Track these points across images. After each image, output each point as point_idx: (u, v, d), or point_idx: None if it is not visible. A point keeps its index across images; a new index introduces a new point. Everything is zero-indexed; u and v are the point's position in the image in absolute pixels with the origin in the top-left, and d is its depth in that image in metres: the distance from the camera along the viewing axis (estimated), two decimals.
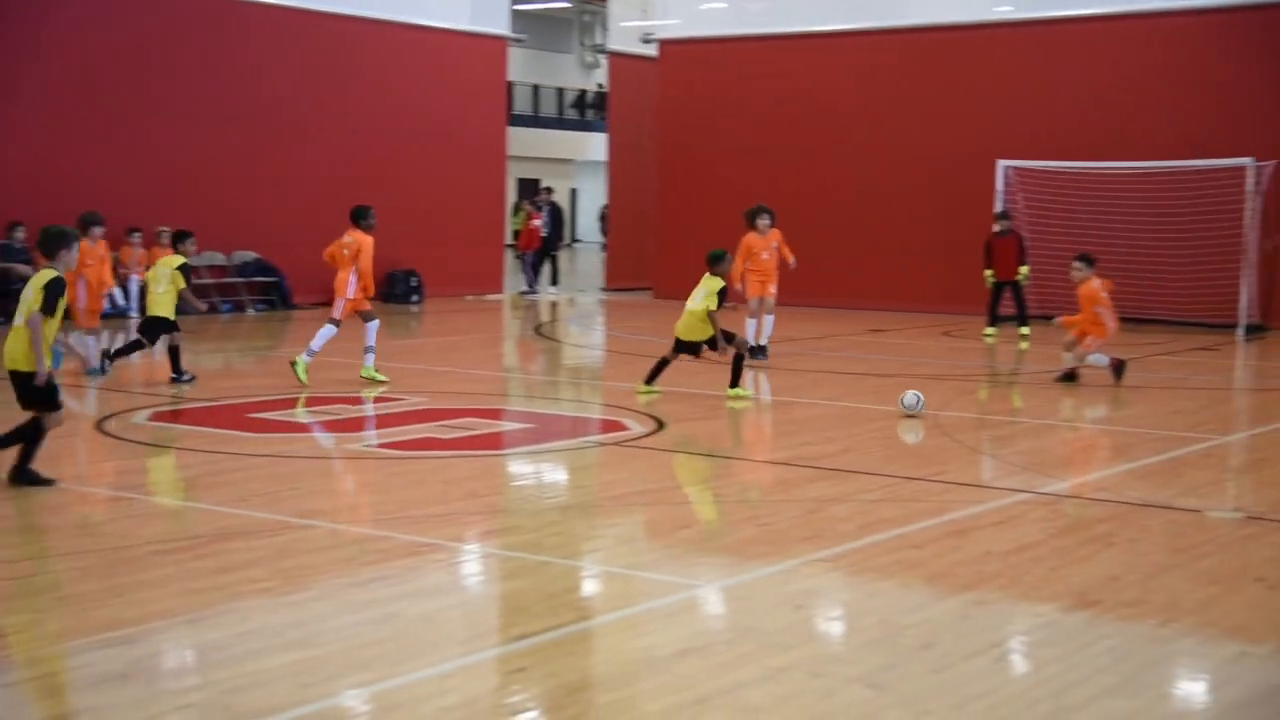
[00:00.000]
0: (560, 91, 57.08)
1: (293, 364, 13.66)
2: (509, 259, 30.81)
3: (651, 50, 28.71)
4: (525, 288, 28.76)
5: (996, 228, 20.58)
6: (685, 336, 13.38)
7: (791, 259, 17.33)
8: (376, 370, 14.05)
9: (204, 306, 15.12)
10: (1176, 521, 8.54)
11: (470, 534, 8.20)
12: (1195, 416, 13.00)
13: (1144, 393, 14.85)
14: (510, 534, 8.25)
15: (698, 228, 27.33)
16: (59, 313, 8.76)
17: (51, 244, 8.90)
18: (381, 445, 11.21)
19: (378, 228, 14.40)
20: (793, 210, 25.77)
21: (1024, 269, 20.21)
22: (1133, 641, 6.23)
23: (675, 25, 28.45)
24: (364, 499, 9.17)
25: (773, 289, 16.90)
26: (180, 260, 13.93)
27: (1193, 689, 5.81)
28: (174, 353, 13.75)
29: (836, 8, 26.53)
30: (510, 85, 32.39)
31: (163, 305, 13.78)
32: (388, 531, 8.05)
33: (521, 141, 53.50)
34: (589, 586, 7.36)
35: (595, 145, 47.63)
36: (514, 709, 5.41)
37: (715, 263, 13.53)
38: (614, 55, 31.37)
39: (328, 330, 14.03)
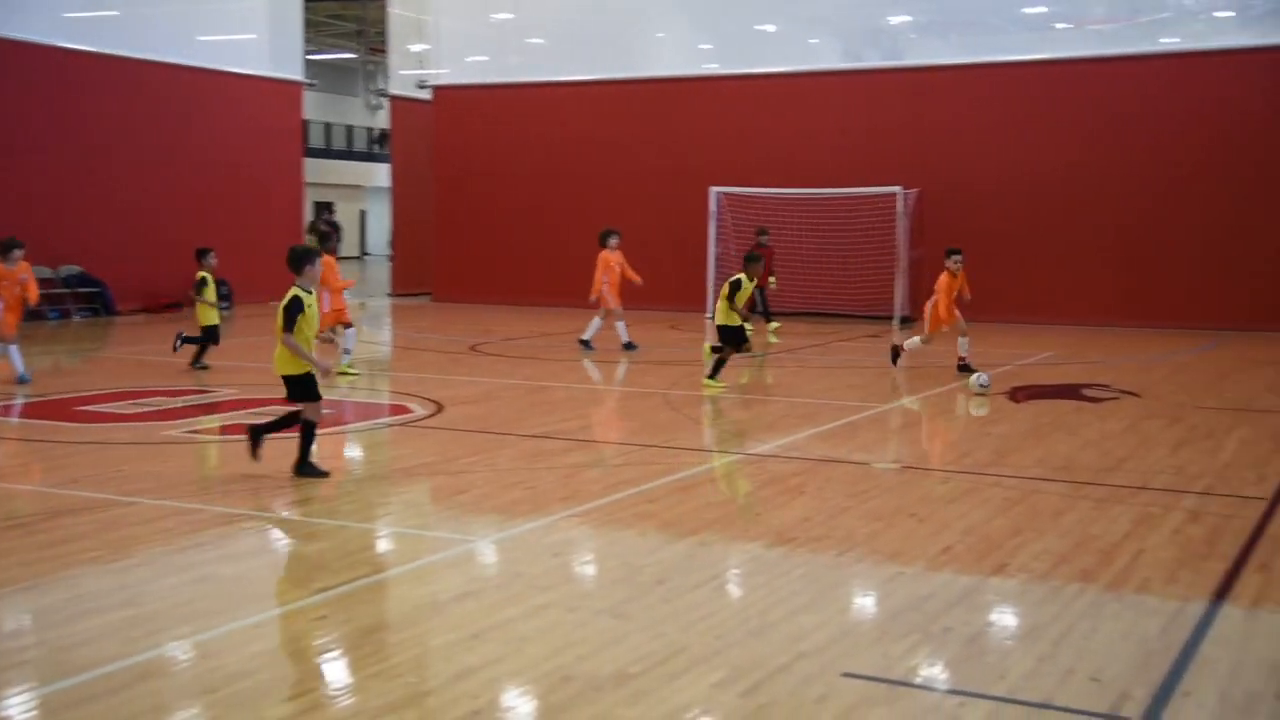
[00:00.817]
0: (350, 129, 55.87)
1: (341, 372, 13.81)
2: None
3: (427, 94, 28.35)
4: None
5: (759, 240, 20.54)
6: (722, 321, 13.32)
7: (637, 278, 17.85)
8: (349, 367, 14.04)
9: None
10: (851, 472, 8.90)
11: (276, 504, 7.94)
12: (864, 390, 13.55)
13: (826, 371, 15.43)
14: (312, 503, 8.02)
15: (471, 241, 27.38)
16: (301, 325, 8.37)
17: (297, 261, 8.49)
18: (197, 431, 10.75)
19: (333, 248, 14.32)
20: (552, 227, 25.96)
21: (772, 279, 20.46)
22: (820, 568, 6.47)
23: (446, 74, 28.15)
24: (182, 477, 8.76)
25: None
26: None
27: (864, 602, 6.07)
28: None
29: (580, 61, 26.78)
30: (305, 123, 31.48)
31: None
32: (203, 504, 7.73)
33: (317, 170, 52.06)
34: (381, 545, 7.22)
35: (382, 173, 46.79)
36: (317, 650, 5.27)
37: (749, 263, 13.44)
38: (395, 98, 30.89)
39: (350, 334, 14.22)
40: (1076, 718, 4.48)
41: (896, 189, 21.98)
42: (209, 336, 14.49)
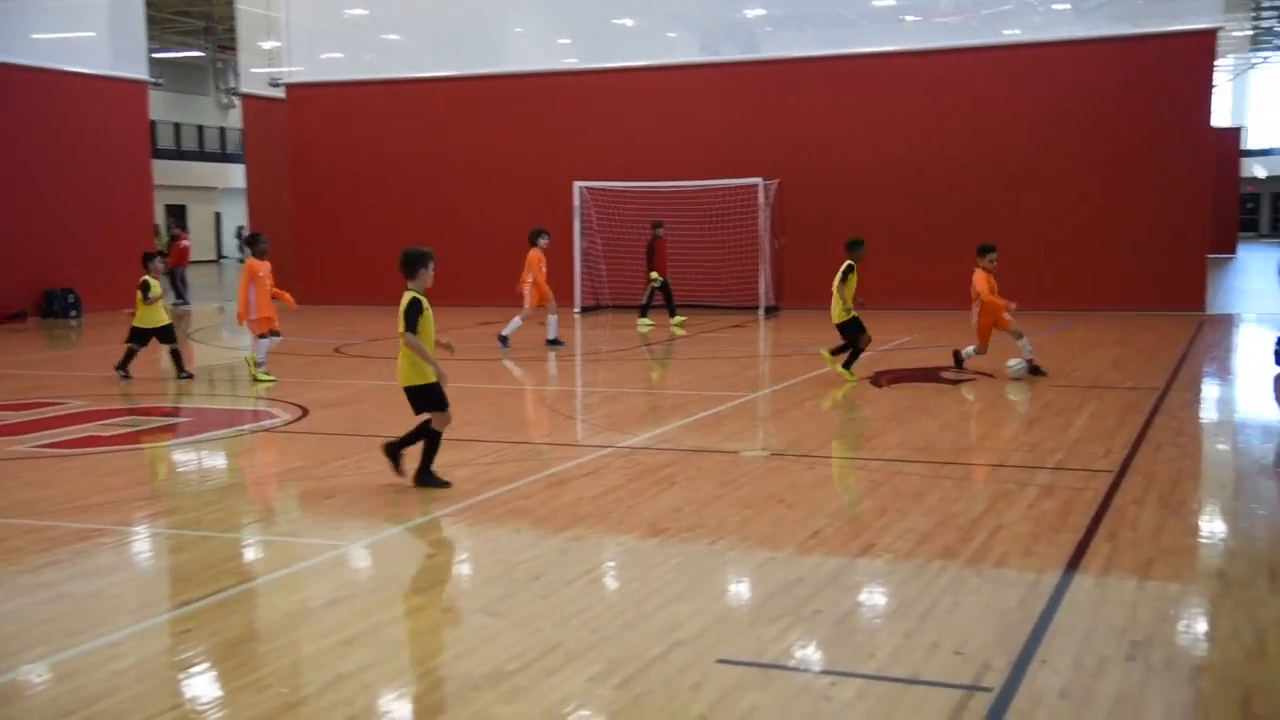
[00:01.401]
0: (201, 129, 54.21)
1: (256, 379, 13.40)
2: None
3: (280, 93, 27.69)
4: (177, 300, 27.14)
5: (655, 233, 20.47)
6: (837, 320, 13.10)
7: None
8: (263, 374, 13.65)
9: None
10: (721, 461, 9.02)
11: (135, 518, 7.69)
12: (731, 379, 13.74)
13: (694, 362, 15.59)
14: (173, 515, 7.79)
15: (332, 241, 26.88)
16: (422, 327, 8.02)
17: (411, 264, 8.13)
18: (46, 445, 10.32)
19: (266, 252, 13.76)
20: (415, 225, 25.60)
21: (654, 274, 20.36)
22: (693, 558, 6.55)
23: (299, 71, 27.54)
24: (30, 494, 8.42)
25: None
26: None
27: (736, 588, 6.17)
28: None
29: (438, 57, 26.57)
30: (153, 123, 30.49)
31: None
32: (54, 521, 7.44)
33: (167, 173, 50.41)
34: (248, 554, 7.06)
35: (236, 174, 45.54)
36: (182, 666, 5.13)
37: (852, 249, 13.40)
38: (247, 97, 30.10)
39: (262, 343, 13.65)
40: (942, 691, 4.64)
41: (757, 180, 22.32)
42: (138, 340, 14.04)
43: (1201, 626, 5.37)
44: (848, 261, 13.22)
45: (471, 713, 4.50)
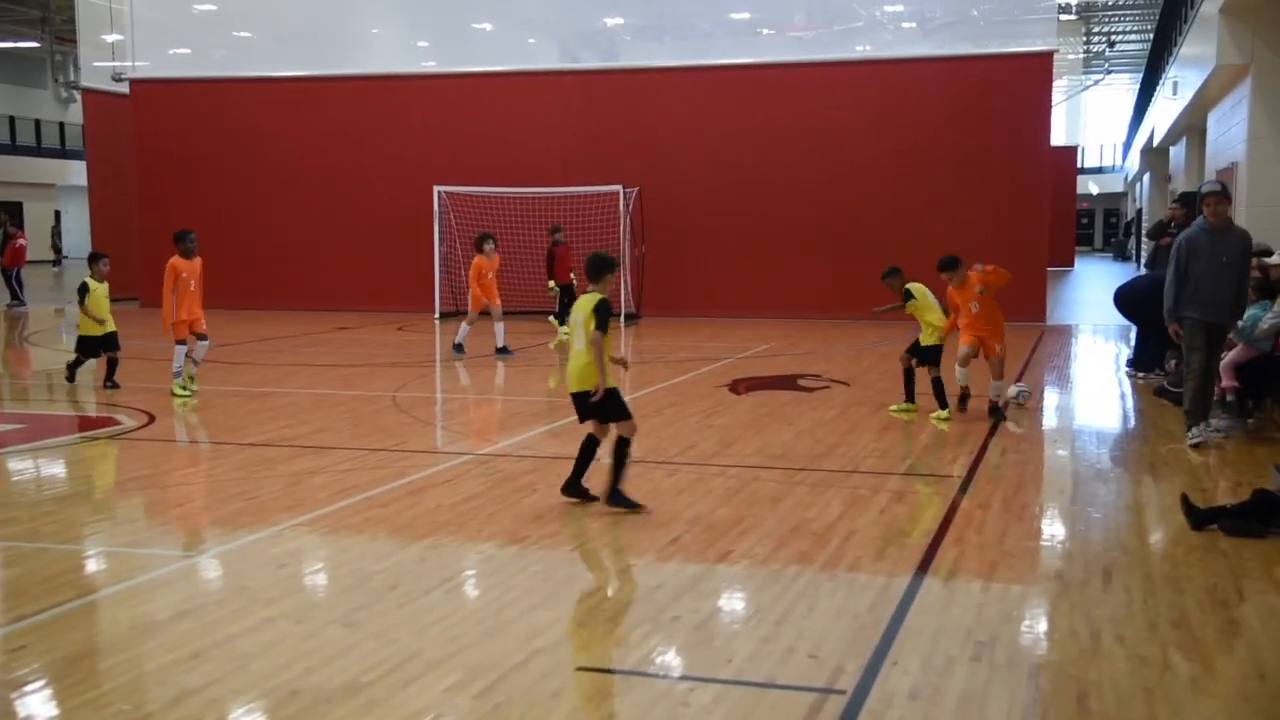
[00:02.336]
0: (38, 123, 51.87)
1: (173, 392, 12.56)
2: None
3: (124, 88, 26.67)
4: (12, 300, 25.92)
5: (554, 239, 19.96)
6: (926, 342, 11.47)
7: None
8: (188, 384, 12.87)
9: None
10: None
11: None
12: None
13: (555, 369, 15.56)
14: (7, 525, 7.41)
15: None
16: (609, 329, 7.63)
17: (598, 269, 7.83)
18: None
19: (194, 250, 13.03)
20: (269, 228, 25.02)
21: (572, 275, 19.75)
22: (553, 565, 6.53)
23: (145, 66, 26.57)
24: None
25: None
26: None
27: (596, 596, 6.16)
28: None
29: (292, 57, 25.99)
30: None
31: None
32: None
33: (2, 168, 48.10)
34: (88, 566, 6.76)
35: (78, 171, 43.75)
36: (15, 684, 4.87)
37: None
38: (88, 92, 28.85)
39: (177, 349, 12.84)
40: (797, 694, 4.71)
41: (617, 188, 22.43)
42: (85, 351, 13.66)
43: (1041, 626, 5.58)
44: (907, 285, 11.74)
45: None
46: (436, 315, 23.04)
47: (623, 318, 22.04)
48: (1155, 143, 34.49)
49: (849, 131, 22.67)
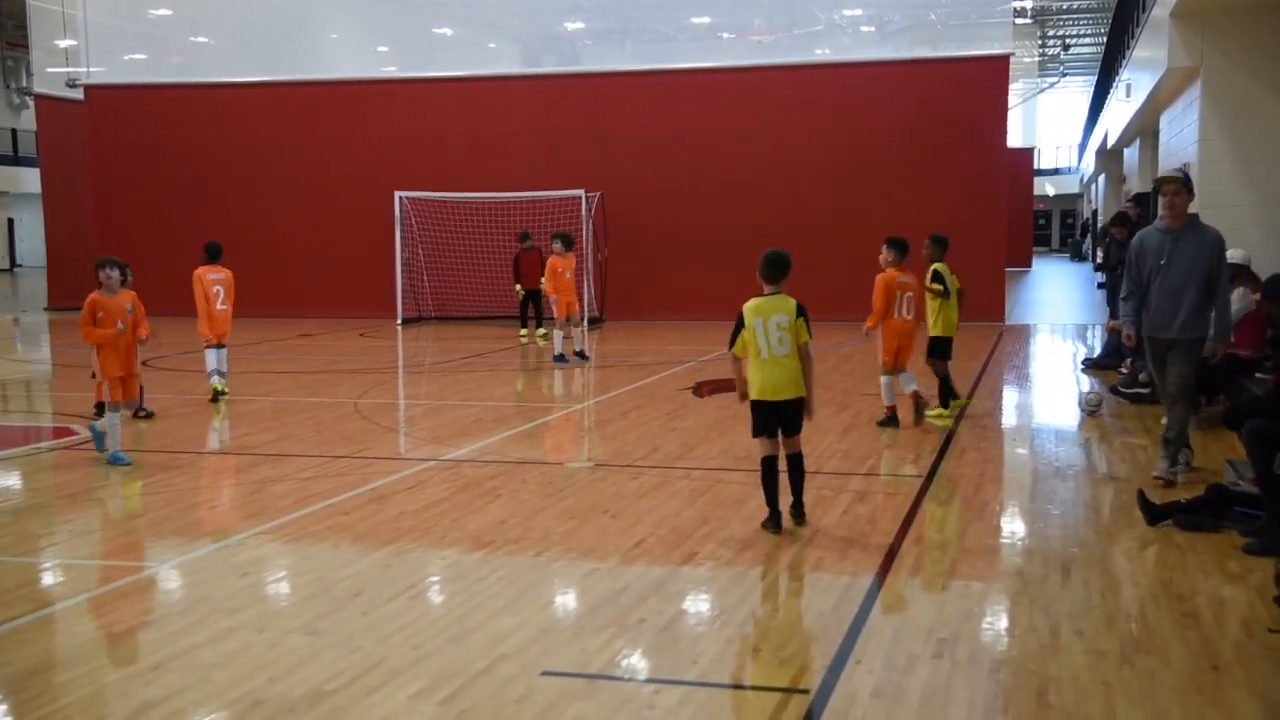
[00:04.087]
0: None
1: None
2: None
3: (79, 94, 26.37)
4: None
5: (523, 245, 20.16)
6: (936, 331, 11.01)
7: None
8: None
9: None
10: (546, 473, 9.01)
11: None
12: (557, 391, 13.73)
13: (518, 374, 15.53)
14: None
15: (139, 250, 25.63)
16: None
17: (783, 268, 7.27)
18: None
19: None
20: (231, 233, 24.72)
21: (543, 281, 19.80)
22: (518, 570, 6.52)
23: (100, 72, 26.29)
24: None
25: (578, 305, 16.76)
26: None
27: (561, 600, 6.15)
28: None
29: (250, 62, 25.79)
30: None
31: None
32: None
33: None
34: (46, 578, 6.67)
35: (31, 179, 43.21)
36: None
37: (935, 246, 10.97)
38: (41, 98, 28.49)
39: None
40: (762, 694, 4.73)
41: (579, 192, 22.41)
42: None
43: (1002, 623, 5.63)
44: (934, 266, 11.06)
45: None
46: (399, 321, 22.93)
47: (586, 322, 22.02)
48: (1110, 144, 34.89)
49: (809, 134, 22.78)
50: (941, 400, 11.05)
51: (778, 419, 7.18)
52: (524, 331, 20.27)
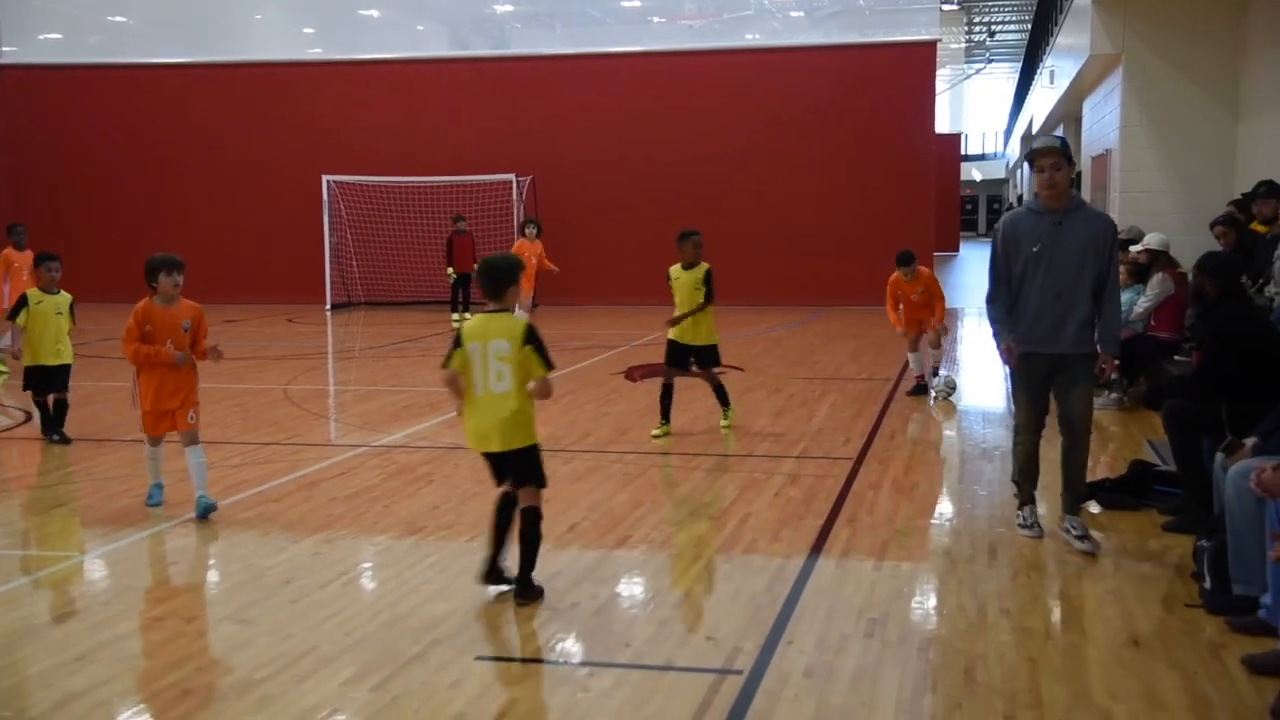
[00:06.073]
0: None
1: None
2: None
3: None
4: None
5: (455, 228, 20.17)
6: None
7: (552, 266, 17.79)
8: None
9: None
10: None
11: None
12: None
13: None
14: None
15: (59, 235, 24.97)
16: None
17: (494, 282, 5.71)
18: None
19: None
20: (153, 218, 24.27)
21: (476, 266, 19.86)
22: (450, 556, 6.49)
23: (12, 51, 25.60)
24: None
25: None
26: None
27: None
28: None
29: (171, 43, 25.31)
30: None
31: None
32: None
33: None
34: None
35: None
36: None
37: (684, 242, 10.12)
38: None
39: None
40: (695, 675, 4.76)
41: (510, 176, 22.30)
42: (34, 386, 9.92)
43: (931, 602, 5.72)
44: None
45: None
46: (328, 307, 22.67)
47: (518, 307, 21.93)
48: (1034, 130, 35.42)
49: (739, 119, 22.85)
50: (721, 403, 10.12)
51: (500, 471, 5.79)
52: (456, 316, 20.17)
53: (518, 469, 5.72)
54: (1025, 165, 45.74)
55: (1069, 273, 6.27)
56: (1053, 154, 6.22)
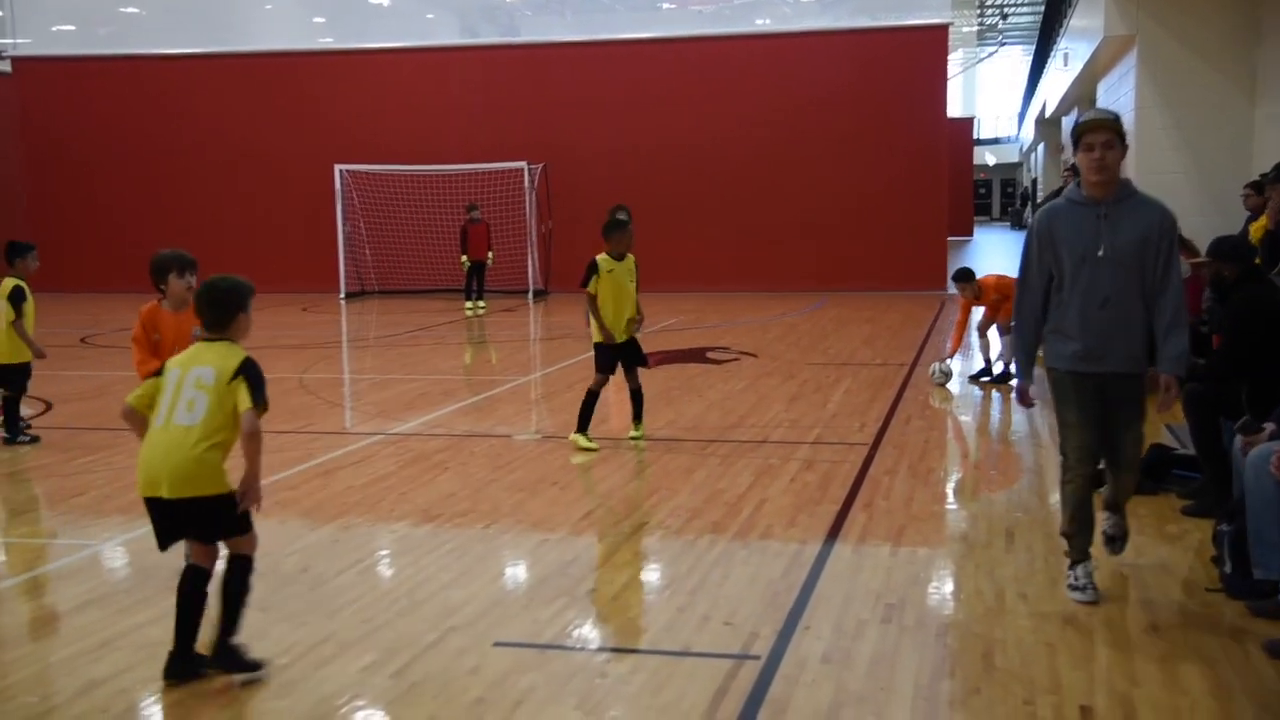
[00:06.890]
0: None
1: None
2: None
3: (6, 66, 25.74)
4: None
5: (469, 216, 20.26)
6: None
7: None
8: None
9: None
10: (494, 445, 8.98)
11: None
12: (503, 363, 13.69)
13: (465, 346, 15.44)
14: None
15: (72, 226, 25.14)
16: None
17: (215, 310, 4.76)
18: None
19: None
20: (168, 209, 24.34)
21: (490, 254, 20.21)
22: (467, 543, 6.50)
23: (28, 44, 25.66)
24: None
25: None
26: None
27: (512, 571, 6.15)
28: None
29: (182, 33, 25.30)
30: None
31: None
32: None
33: None
34: None
35: None
36: None
37: (610, 232, 9.16)
38: None
39: None
40: (713, 661, 4.76)
41: (521, 164, 22.28)
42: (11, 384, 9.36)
43: (948, 587, 5.71)
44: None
45: (237, 712, 4.34)
46: (341, 295, 22.72)
47: (531, 294, 21.94)
48: (1048, 113, 35.24)
49: (751, 105, 22.78)
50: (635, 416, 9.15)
51: (169, 528, 4.74)
52: (469, 304, 20.19)
53: (199, 523, 4.64)
54: (1040, 148, 44.92)
55: (1118, 275, 5.08)
56: (1105, 129, 5.03)
